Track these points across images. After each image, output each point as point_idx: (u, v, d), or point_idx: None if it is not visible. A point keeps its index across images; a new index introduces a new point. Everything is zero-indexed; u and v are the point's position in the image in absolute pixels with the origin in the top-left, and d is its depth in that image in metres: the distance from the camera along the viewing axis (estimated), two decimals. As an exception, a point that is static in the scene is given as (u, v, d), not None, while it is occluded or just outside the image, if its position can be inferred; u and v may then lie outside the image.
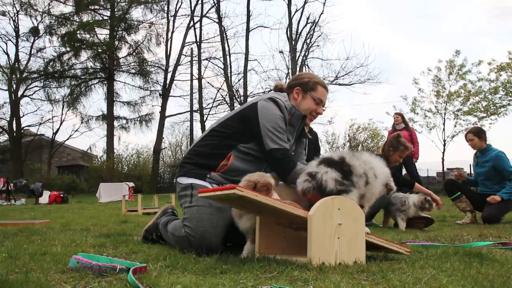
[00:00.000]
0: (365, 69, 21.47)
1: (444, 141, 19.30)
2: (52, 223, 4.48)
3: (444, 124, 19.34)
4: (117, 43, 24.59)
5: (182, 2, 24.94)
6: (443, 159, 19.18)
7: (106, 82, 24.55)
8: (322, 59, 22.83)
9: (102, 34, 24.76)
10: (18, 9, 25.62)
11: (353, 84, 21.10)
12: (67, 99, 25.17)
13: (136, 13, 30.88)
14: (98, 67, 25.08)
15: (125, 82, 25.34)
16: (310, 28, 22.17)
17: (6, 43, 27.18)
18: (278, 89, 2.69)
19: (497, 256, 2.10)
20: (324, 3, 21.79)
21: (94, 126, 26.17)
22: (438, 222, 4.04)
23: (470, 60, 20.58)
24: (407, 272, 1.69)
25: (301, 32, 22.25)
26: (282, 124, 2.39)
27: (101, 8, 24.67)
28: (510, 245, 2.53)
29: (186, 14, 25.06)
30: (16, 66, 25.98)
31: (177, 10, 24.71)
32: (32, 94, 26.60)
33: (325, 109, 2.73)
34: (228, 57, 23.01)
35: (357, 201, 2.05)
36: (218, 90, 23.58)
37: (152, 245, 2.63)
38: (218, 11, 23.30)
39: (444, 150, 19.29)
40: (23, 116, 27.11)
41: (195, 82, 23.51)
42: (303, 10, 22.24)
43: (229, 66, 22.92)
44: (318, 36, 22.18)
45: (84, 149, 28.31)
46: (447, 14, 40.38)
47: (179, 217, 2.67)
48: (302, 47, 22.22)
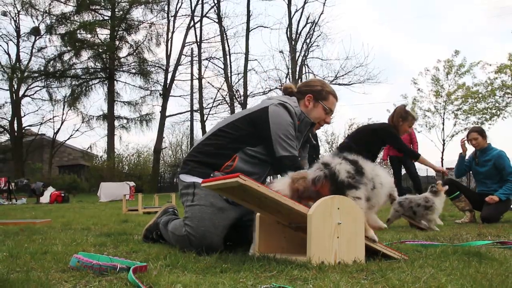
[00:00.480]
0: (364, 69, 21.50)
1: (443, 140, 19.33)
2: (53, 223, 4.49)
3: (443, 123, 19.37)
4: (117, 43, 24.61)
5: (182, 2, 25.02)
6: (442, 159, 19.21)
7: (106, 82, 24.57)
8: (321, 59, 22.91)
9: (103, 34, 24.82)
10: (19, 9, 25.70)
11: (352, 84, 21.14)
12: (68, 99, 25.21)
13: (136, 13, 30.84)
14: (99, 67, 25.10)
15: (125, 82, 25.43)
16: (310, 28, 22.23)
17: (7, 43, 27.31)
18: (288, 92, 2.64)
19: (495, 255, 2.10)
20: (324, 3, 21.85)
21: (95, 126, 26.26)
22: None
23: (470, 60, 20.59)
24: (406, 271, 1.69)
25: (301, 32, 22.31)
26: (292, 130, 2.39)
27: (101, 8, 24.68)
28: (508, 244, 2.54)
29: (186, 14, 25.16)
30: (17, 66, 26.01)
31: (177, 10, 24.80)
32: (33, 94, 26.70)
33: (333, 118, 2.72)
34: (228, 57, 23.05)
35: (364, 199, 2.05)
36: (218, 90, 23.63)
37: (152, 244, 2.63)
38: (218, 11, 23.34)
39: (443, 149, 19.33)
40: (24, 115, 27.21)
41: (195, 82, 23.57)
42: (303, 10, 22.31)
43: (229, 66, 22.96)
44: (318, 36, 22.25)
45: (85, 149, 28.32)
46: (447, 14, 40.43)
47: (180, 216, 2.68)
48: (302, 47, 22.26)
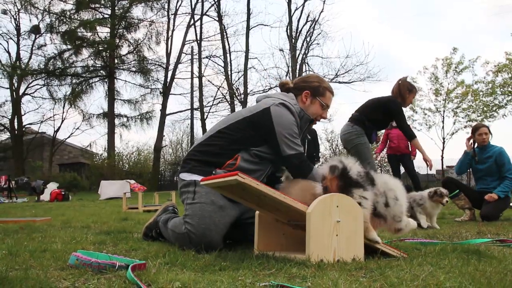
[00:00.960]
0: (364, 67, 21.45)
1: (443, 138, 19.32)
2: (53, 221, 4.49)
3: (443, 122, 19.36)
4: (117, 41, 24.58)
5: (182, 1, 25.13)
6: (443, 157, 19.20)
7: (107, 80, 24.57)
8: (322, 57, 22.87)
9: (103, 32, 24.80)
10: (19, 7, 25.67)
11: (353, 82, 21.11)
12: (68, 97, 25.21)
13: (136, 11, 30.90)
14: (99, 65, 25.09)
15: (125, 80, 25.42)
16: (310, 26, 22.17)
17: (8, 41, 27.30)
18: (285, 88, 2.65)
19: (495, 253, 2.11)
20: (324, 1, 21.78)
21: (95, 124, 26.30)
22: (437, 219, 4.06)
23: (469, 57, 20.50)
24: (405, 269, 1.70)
25: (301, 30, 22.26)
26: (296, 129, 2.41)
27: (101, 6, 24.65)
28: (507, 242, 2.54)
29: (186, 13, 25.17)
30: (17, 64, 26.00)
31: (177, 8, 24.75)
32: (33, 92, 26.71)
33: (329, 113, 2.77)
34: (228, 55, 23.01)
35: (370, 200, 2.05)
36: (219, 88, 23.61)
37: (152, 242, 2.63)
38: (218, 9, 23.28)
39: (443, 147, 19.32)
40: (25, 114, 27.27)
41: (196, 80, 23.56)
42: (303, 8, 22.25)
43: (229, 64, 22.92)
44: (318, 34, 22.19)
45: (84, 146, 28.33)
46: (447, 12, 40.36)
47: (180, 215, 2.68)
48: (302, 45, 22.21)
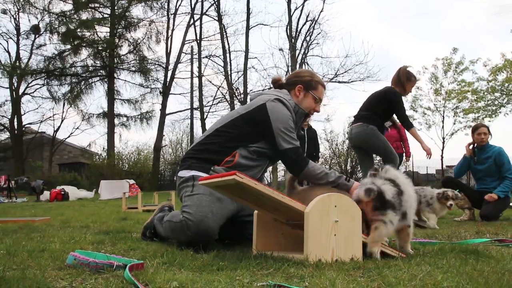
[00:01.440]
0: (364, 66, 21.42)
1: (443, 138, 19.33)
2: (52, 220, 4.50)
3: (443, 121, 19.37)
4: (117, 41, 24.57)
5: (182, 0, 25.00)
6: (442, 157, 19.21)
7: (106, 80, 24.55)
8: (321, 57, 22.91)
9: (102, 32, 24.79)
10: (19, 7, 25.64)
11: (352, 81, 21.09)
12: (68, 97, 25.20)
13: (136, 11, 30.87)
14: (99, 65, 25.07)
15: (125, 80, 25.38)
16: (310, 26, 22.15)
17: (7, 41, 27.26)
18: (278, 84, 2.71)
19: (493, 253, 2.11)
20: (324, 1, 21.75)
21: (95, 124, 26.23)
22: (437, 219, 4.06)
23: (469, 57, 20.54)
24: (403, 268, 1.70)
25: (300, 29, 22.23)
26: (292, 123, 2.45)
27: (101, 6, 24.63)
28: (506, 242, 2.54)
29: (186, 12, 25.07)
30: (17, 64, 25.99)
31: (177, 8, 24.72)
32: (33, 92, 26.67)
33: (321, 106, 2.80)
34: (228, 55, 23.00)
35: (395, 224, 2.06)
36: (218, 88, 23.59)
37: (150, 242, 2.63)
38: (218, 9, 23.27)
39: (443, 147, 19.32)
40: (24, 114, 27.20)
41: (195, 80, 23.54)
42: (303, 7, 22.22)
43: (229, 64, 22.91)
44: (318, 33, 22.17)
45: (84, 146, 28.31)
46: (447, 12, 40.37)
47: None
48: (302, 45, 22.19)
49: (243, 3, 23.92)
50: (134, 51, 25.19)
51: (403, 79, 4.70)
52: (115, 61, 24.75)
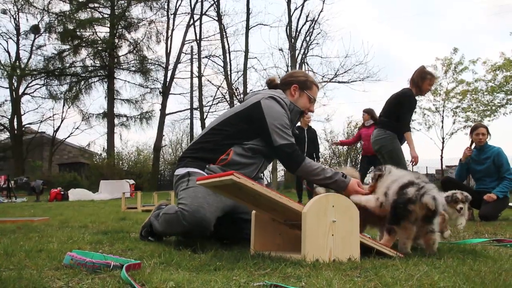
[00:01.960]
0: (364, 66, 21.46)
1: (442, 138, 19.32)
2: (51, 220, 4.49)
3: (442, 122, 19.36)
4: (117, 41, 24.57)
5: (182, 0, 25.00)
6: (442, 157, 19.21)
7: (106, 80, 24.55)
8: (321, 57, 22.99)
9: (102, 32, 24.79)
10: (19, 7, 25.64)
11: (352, 81, 21.10)
12: (68, 97, 25.20)
13: (136, 11, 30.85)
14: (98, 65, 25.06)
15: (125, 80, 25.42)
16: (310, 26, 22.18)
17: (7, 41, 27.29)
18: (273, 85, 2.75)
19: (491, 253, 2.11)
20: (323, 1, 21.78)
21: (94, 124, 26.29)
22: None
23: (469, 57, 20.52)
24: (400, 268, 1.69)
25: (300, 30, 22.26)
26: (287, 120, 2.48)
27: (101, 6, 24.63)
28: (504, 242, 2.54)
29: (186, 12, 25.13)
30: (17, 64, 25.99)
31: (177, 8, 24.76)
32: (33, 92, 26.69)
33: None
34: (228, 55, 23.02)
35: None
36: (218, 88, 23.60)
37: (148, 242, 2.63)
38: (217, 9, 23.29)
39: (442, 147, 19.32)
40: (24, 113, 27.22)
41: (195, 80, 23.55)
42: (303, 7, 22.27)
43: (229, 64, 22.92)
44: (318, 34, 22.20)
45: (83, 146, 28.32)
46: (446, 12, 40.36)
47: None
48: (302, 45, 22.22)
49: (243, 3, 23.97)
50: (134, 51, 25.21)
51: (417, 79, 4.76)
52: (115, 61, 24.74)
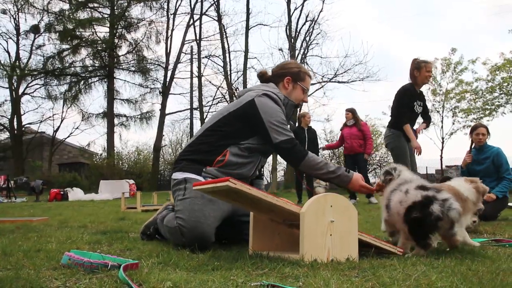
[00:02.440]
0: (364, 66, 21.45)
1: (442, 138, 19.31)
2: (50, 220, 4.49)
3: (442, 121, 19.34)
4: (116, 41, 24.56)
5: (181, 0, 24.97)
6: (442, 157, 19.20)
7: (106, 80, 24.55)
8: (321, 57, 22.98)
9: (102, 32, 24.78)
10: (19, 7, 25.63)
11: (352, 81, 21.10)
12: (68, 97, 25.19)
13: (135, 11, 30.77)
14: (98, 65, 25.05)
15: (125, 80, 25.37)
16: (309, 26, 22.16)
17: (7, 41, 27.27)
18: (265, 78, 2.71)
19: (489, 253, 2.11)
20: (323, 1, 21.76)
21: (94, 124, 26.23)
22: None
23: (468, 57, 20.48)
24: (398, 268, 1.69)
25: (300, 30, 22.24)
26: (283, 116, 2.46)
27: (100, 6, 24.62)
28: (503, 242, 2.54)
29: (185, 12, 25.07)
30: (16, 64, 25.98)
31: (176, 8, 24.70)
32: (32, 92, 26.67)
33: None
34: (227, 55, 22.99)
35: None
36: (218, 88, 23.58)
37: (147, 242, 2.63)
38: (217, 9, 23.27)
39: (442, 147, 19.31)
40: (24, 113, 27.19)
41: (195, 80, 23.53)
42: (303, 7, 22.23)
43: (228, 64, 22.91)
44: (317, 34, 22.19)
45: (83, 146, 28.31)
46: (446, 12, 40.34)
47: None
48: (301, 45, 22.21)
49: (243, 3, 23.95)
50: (134, 51, 25.19)
51: (412, 70, 4.81)
52: (115, 61, 24.74)
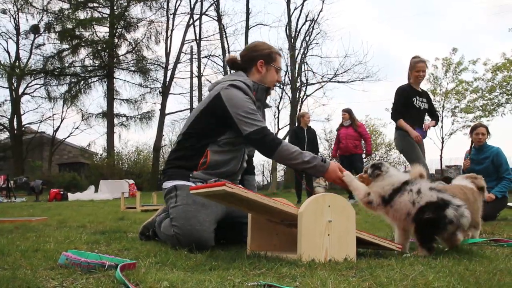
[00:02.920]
0: (363, 66, 21.47)
1: (442, 138, 19.30)
2: (49, 220, 4.48)
3: (442, 122, 19.32)
4: (116, 41, 24.56)
5: (181, 0, 24.95)
6: (441, 157, 19.19)
7: (105, 80, 24.54)
8: (321, 57, 23.08)
9: (101, 32, 24.78)
10: (18, 7, 25.64)
11: (352, 81, 21.11)
12: (67, 97, 25.19)
13: (135, 10, 30.77)
14: (97, 65, 25.04)
15: (125, 80, 25.39)
16: (309, 25, 22.18)
17: (7, 41, 27.27)
18: (236, 64, 2.66)
19: (487, 253, 2.10)
20: (323, 1, 21.79)
21: (94, 124, 26.27)
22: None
23: (468, 57, 20.49)
24: (396, 268, 1.69)
25: (300, 29, 22.26)
26: (251, 105, 2.40)
27: (100, 6, 24.62)
28: (501, 242, 2.54)
29: (185, 12, 25.08)
30: (16, 64, 25.98)
31: (176, 8, 24.71)
32: (32, 92, 26.68)
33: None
34: (227, 55, 22.99)
35: None
36: (218, 88, 23.53)
37: (145, 242, 2.63)
38: (217, 9, 23.28)
39: (442, 147, 19.30)
40: (24, 113, 27.19)
41: (195, 80, 23.54)
42: (302, 7, 22.29)
43: (229, 64, 22.88)
44: (317, 33, 22.20)
45: (83, 146, 28.30)
46: (446, 12, 40.31)
47: None
48: (301, 45, 22.23)
49: (243, 3, 23.92)
50: (134, 51, 25.19)
51: (409, 71, 4.91)
52: (115, 61, 24.73)
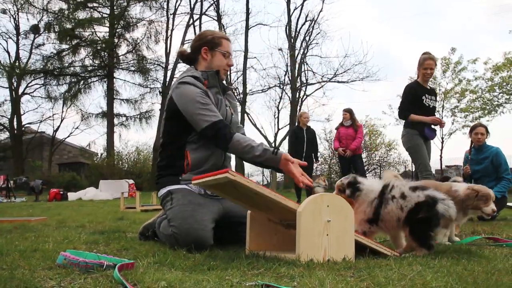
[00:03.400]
0: (363, 66, 21.49)
1: (442, 138, 19.31)
2: (48, 220, 4.48)
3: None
4: (116, 41, 24.56)
5: (181, 0, 24.94)
6: (441, 157, 19.20)
7: (105, 80, 24.55)
8: (321, 57, 23.10)
9: (101, 31, 24.78)
10: (18, 7, 25.65)
11: (352, 81, 21.13)
12: (67, 96, 25.20)
13: (135, 10, 30.78)
14: (97, 65, 25.04)
15: (124, 80, 25.40)
16: (309, 25, 22.24)
17: (7, 41, 27.27)
18: (186, 56, 2.69)
19: (485, 253, 2.10)
20: (323, 1, 21.82)
21: (94, 124, 26.27)
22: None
23: (468, 57, 20.47)
24: (394, 268, 1.69)
25: (300, 29, 22.30)
26: (202, 99, 2.38)
27: (100, 5, 24.62)
28: (500, 241, 2.53)
29: (185, 12, 25.09)
30: (16, 63, 25.99)
31: (176, 8, 24.73)
32: (32, 92, 26.69)
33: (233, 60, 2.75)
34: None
35: None
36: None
37: (144, 242, 2.63)
38: (217, 9, 23.32)
39: (442, 147, 19.31)
40: (24, 113, 27.20)
41: (195, 80, 23.49)
42: (302, 7, 22.35)
43: (228, 64, 22.88)
44: (317, 33, 22.23)
45: (83, 146, 28.31)
46: (446, 12, 40.34)
47: None
48: (301, 45, 22.26)
49: (243, 3, 23.96)
50: (133, 51, 25.20)
51: (418, 67, 4.90)
52: (114, 60, 24.73)
